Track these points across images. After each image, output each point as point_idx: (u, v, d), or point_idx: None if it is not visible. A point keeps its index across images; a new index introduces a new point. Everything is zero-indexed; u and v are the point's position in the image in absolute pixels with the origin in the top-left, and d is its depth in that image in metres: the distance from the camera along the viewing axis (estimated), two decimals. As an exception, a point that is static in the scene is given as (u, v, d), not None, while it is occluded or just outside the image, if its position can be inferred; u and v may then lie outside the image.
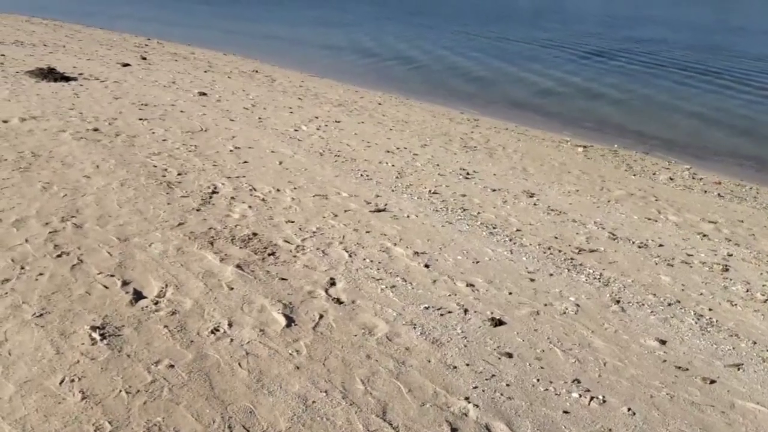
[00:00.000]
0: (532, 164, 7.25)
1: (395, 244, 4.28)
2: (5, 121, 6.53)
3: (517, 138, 8.76)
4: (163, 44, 17.18)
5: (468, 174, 6.41)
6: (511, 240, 4.62)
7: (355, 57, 17.33)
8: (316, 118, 8.69)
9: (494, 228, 4.84)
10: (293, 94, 10.73)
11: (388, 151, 7.10)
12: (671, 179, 7.35)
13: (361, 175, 5.97)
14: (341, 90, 12.00)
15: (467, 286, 3.77)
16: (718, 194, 6.84)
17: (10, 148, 5.59)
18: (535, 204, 5.61)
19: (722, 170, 8.08)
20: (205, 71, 12.23)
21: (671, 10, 29.20)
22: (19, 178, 4.81)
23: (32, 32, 17.66)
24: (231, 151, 6.36)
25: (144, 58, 13.00)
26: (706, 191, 6.92)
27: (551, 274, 4.09)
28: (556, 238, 4.79)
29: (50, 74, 9.47)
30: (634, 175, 7.37)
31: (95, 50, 14.03)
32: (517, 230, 4.85)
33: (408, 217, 4.88)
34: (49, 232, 3.88)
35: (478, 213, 5.18)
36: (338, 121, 8.61)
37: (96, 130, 6.55)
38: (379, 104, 10.72)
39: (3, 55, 11.52)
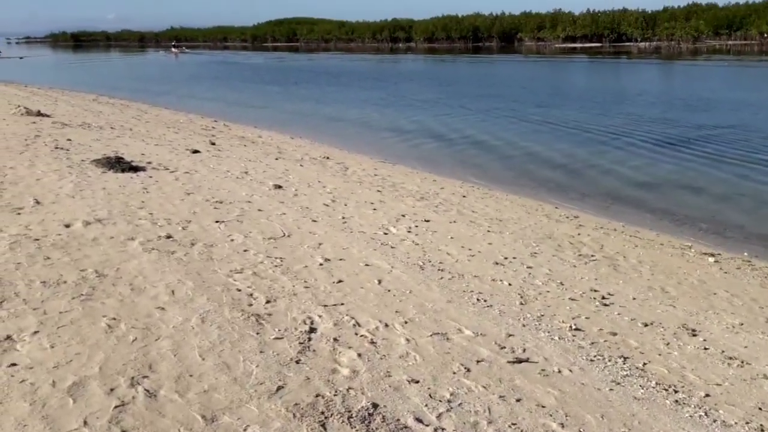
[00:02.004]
0: (668, 282, 6.09)
1: (563, 425, 3.17)
2: (67, 226, 5.82)
3: (633, 243, 7.62)
4: (229, 127, 16.95)
5: (603, 298, 5.30)
6: (707, 414, 3.45)
7: (424, 140, 16.70)
8: (403, 216, 7.79)
9: (676, 392, 3.68)
10: (370, 185, 9.94)
11: (497, 263, 6.07)
12: (834, 300, 6.05)
13: (477, 299, 4.93)
14: (418, 179, 11.19)
15: None
16: None
17: (72, 265, 4.79)
18: (705, 348, 4.43)
19: None
20: (276, 158, 11.64)
21: (741, 92, 27.95)
22: (79, 312, 3.95)
23: (99, 113, 17.78)
24: (321, 265, 5.44)
25: (213, 144, 12.56)
26: None
27: (791, 482, 2.89)
28: (761, 409, 3.60)
29: (117, 164, 8.94)
30: (788, 295, 6.11)
31: (163, 134, 13.75)
32: (707, 396, 3.68)
33: (560, 372, 3.77)
34: (116, 406, 2.94)
35: (644, 364, 4.03)
36: (427, 220, 7.68)
37: (169, 237, 5.76)
38: (464, 197, 9.80)
39: (69, 139, 11.21)
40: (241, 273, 5.00)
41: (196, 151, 11.11)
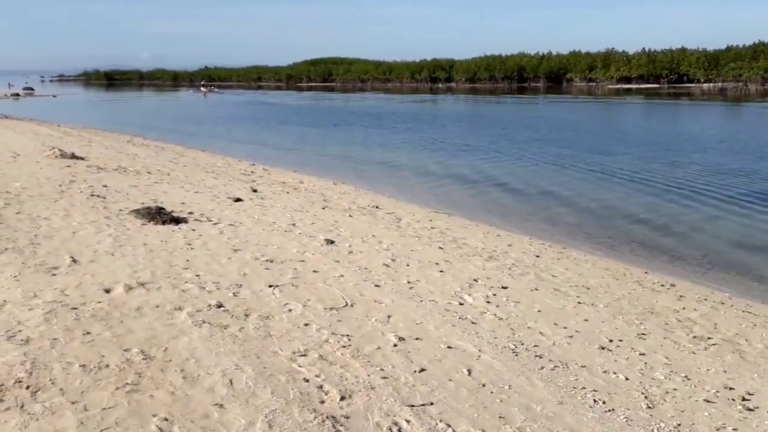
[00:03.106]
0: (810, 375, 5.34)
1: None
2: (108, 291, 5.40)
3: (750, 321, 6.86)
4: (269, 171, 16.74)
5: (744, 400, 4.58)
6: None
7: (479, 189, 16.21)
8: (475, 281, 7.21)
9: None
10: (429, 240, 9.40)
11: (602, 347, 5.41)
12: None
13: (594, 400, 4.28)
14: (480, 233, 10.63)
15: None
16: None
17: (114, 342, 4.33)
18: None
19: None
20: (323, 207, 11.24)
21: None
22: (125, 409, 3.45)
23: (134, 156, 17.78)
24: (395, 345, 4.87)
25: (255, 190, 12.26)
26: None
27: None
28: None
29: (158, 215, 8.61)
30: None
31: (201, 179, 13.53)
32: None
33: None
34: None
35: (828, 501, 3.33)
36: (505, 287, 7.08)
37: (219, 306, 5.29)
38: (537, 257, 9.18)
39: (105, 186, 11.00)
40: (305, 356, 4.47)
41: (238, 200, 10.78)
